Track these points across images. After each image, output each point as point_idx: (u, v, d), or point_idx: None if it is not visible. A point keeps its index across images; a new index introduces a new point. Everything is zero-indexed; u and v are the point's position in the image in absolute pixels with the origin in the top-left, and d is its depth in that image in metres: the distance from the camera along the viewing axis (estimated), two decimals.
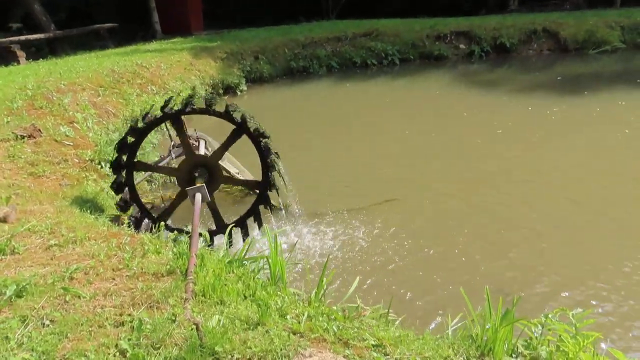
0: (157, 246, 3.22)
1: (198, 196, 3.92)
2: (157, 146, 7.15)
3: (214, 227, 4.55)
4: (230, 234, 4.48)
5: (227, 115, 4.08)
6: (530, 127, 8.06)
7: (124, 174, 4.13)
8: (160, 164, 5.39)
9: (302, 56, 13.76)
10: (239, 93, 11.66)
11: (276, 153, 4.25)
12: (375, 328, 2.50)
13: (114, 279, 2.75)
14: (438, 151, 7.26)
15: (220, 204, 5.55)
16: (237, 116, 4.08)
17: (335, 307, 3.01)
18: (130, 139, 4.04)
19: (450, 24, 15.37)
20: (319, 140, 8.14)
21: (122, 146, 4.05)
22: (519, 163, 6.59)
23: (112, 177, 4.54)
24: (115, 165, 4.12)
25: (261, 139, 4.15)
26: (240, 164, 5.96)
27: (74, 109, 6.52)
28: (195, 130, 5.50)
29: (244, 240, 4.50)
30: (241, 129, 4.12)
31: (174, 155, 5.40)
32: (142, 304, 2.48)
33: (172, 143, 5.43)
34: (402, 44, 14.51)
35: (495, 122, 8.42)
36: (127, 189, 4.22)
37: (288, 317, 2.50)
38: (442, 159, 6.92)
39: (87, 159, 5.10)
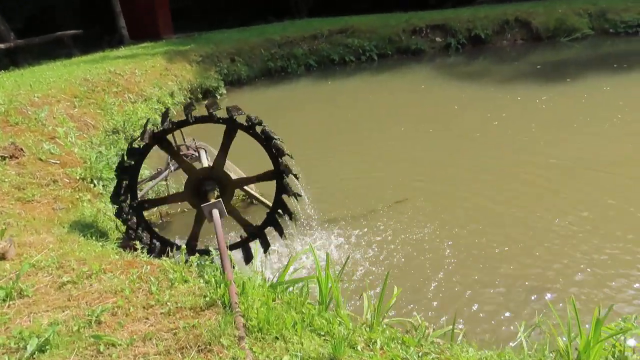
0: (182, 273, 2.87)
1: (215, 212, 3.56)
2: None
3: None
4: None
5: (276, 155, 3.77)
6: (524, 118, 8.00)
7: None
8: (159, 177, 5.01)
9: (279, 56, 13.40)
10: (218, 97, 11.16)
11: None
12: (455, 350, 2.25)
13: (147, 318, 2.39)
14: (439, 147, 7.08)
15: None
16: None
17: (388, 321, 2.75)
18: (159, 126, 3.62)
19: (425, 17, 15.32)
20: (309, 142, 7.81)
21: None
22: (527, 154, 6.44)
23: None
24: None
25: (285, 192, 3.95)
26: (241, 172, 5.59)
27: (52, 123, 5.98)
28: (194, 139, 5.12)
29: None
30: (277, 173, 3.86)
31: (172, 168, 5.00)
32: (191, 348, 2.14)
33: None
34: (379, 40, 14.35)
35: (488, 114, 8.33)
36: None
37: (358, 347, 2.22)
38: (446, 154, 6.74)
39: (77, 177, 4.63)
